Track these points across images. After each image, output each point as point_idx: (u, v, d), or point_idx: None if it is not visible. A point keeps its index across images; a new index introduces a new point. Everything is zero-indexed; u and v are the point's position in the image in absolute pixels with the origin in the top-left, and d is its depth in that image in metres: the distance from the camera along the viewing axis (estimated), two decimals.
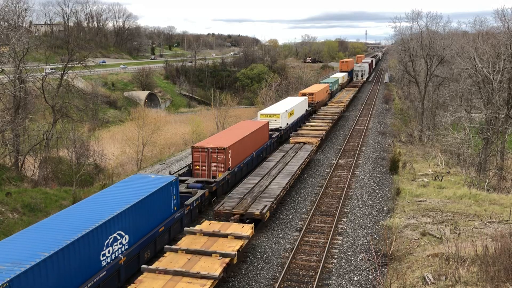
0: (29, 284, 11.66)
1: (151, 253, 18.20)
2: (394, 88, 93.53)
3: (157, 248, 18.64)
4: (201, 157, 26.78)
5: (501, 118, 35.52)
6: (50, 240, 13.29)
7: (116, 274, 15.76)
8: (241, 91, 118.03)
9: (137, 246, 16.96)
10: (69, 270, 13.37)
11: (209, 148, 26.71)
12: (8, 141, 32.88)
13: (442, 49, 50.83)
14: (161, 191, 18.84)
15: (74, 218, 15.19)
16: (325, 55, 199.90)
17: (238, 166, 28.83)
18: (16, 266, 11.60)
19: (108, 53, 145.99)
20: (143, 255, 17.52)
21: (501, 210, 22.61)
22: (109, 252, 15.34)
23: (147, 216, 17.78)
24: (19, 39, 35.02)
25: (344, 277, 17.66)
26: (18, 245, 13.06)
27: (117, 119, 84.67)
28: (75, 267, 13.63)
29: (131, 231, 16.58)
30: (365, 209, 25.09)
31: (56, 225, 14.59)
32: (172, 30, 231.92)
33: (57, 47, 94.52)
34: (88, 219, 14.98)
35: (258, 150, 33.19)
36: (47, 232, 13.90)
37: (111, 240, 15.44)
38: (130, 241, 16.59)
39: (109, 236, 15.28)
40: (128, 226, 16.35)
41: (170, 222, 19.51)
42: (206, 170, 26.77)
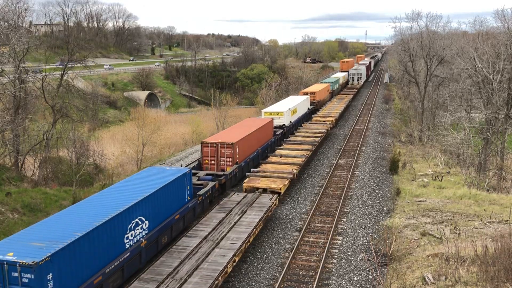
0: (65, 259, 13.14)
1: (167, 238, 19.42)
2: (394, 88, 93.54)
3: (173, 235, 19.85)
4: (210, 151, 27.97)
5: (501, 118, 35.53)
6: (81, 222, 14.68)
7: (138, 256, 17.06)
8: (241, 91, 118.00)
9: (156, 231, 18.24)
10: (98, 249, 14.69)
11: (218, 143, 27.96)
12: (8, 141, 32.88)
13: (442, 49, 50.83)
14: (176, 182, 20.14)
15: (100, 204, 16.58)
16: (325, 55, 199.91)
17: (245, 160, 29.86)
18: (55, 244, 13.08)
19: (108, 53, 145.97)
20: (161, 240, 18.79)
21: (501, 210, 22.62)
22: (131, 236, 16.68)
23: (164, 204, 19.08)
24: (19, 39, 35.01)
25: (344, 277, 17.66)
26: (54, 226, 14.48)
27: (117, 119, 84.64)
28: (103, 248, 14.98)
29: (150, 218, 17.92)
30: (365, 209, 25.10)
31: (84, 210, 15.98)
32: (172, 30, 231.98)
33: (57, 47, 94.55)
34: (113, 205, 16.28)
35: (263, 146, 34.25)
36: (78, 216, 15.33)
37: (134, 224, 16.80)
38: (149, 227, 17.92)
39: (132, 221, 16.66)
40: (148, 212, 17.67)
41: (185, 210, 20.85)
42: (215, 164, 27.98)
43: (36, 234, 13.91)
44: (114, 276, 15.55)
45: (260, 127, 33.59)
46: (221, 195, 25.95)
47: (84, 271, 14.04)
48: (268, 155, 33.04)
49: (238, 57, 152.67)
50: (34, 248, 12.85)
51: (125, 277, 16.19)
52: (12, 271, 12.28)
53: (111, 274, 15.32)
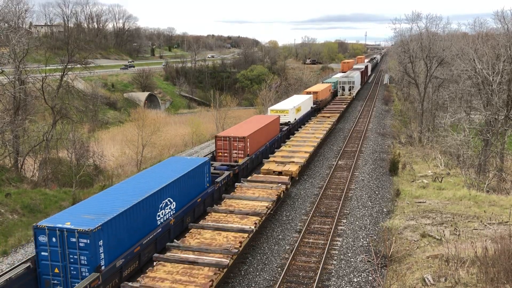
0: (112, 229, 15.57)
1: (190, 219, 21.75)
2: (393, 89, 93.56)
3: (195, 216, 22.22)
4: (223, 145, 30.24)
5: (501, 120, 35.55)
6: (122, 200, 17.12)
7: (167, 232, 19.40)
8: (241, 92, 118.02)
9: (181, 211, 20.64)
10: (137, 224, 17.12)
11: (231, 137, 30.21)
12: (8, 142, 32.87)
13: (442, 51, 50.86)
14: (198, 169, 22.63)
15: (135, 186, 18.96)
16: (325, 57, 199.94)
17: (255, 153, 32.04)
18: (103, 216, 15.52)
19: (108, 54, 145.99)
20: (185, 220, 21.18)
21: (500, 211, 22.62)
22: (162, 214, 19.10)
23: (188, 189, 21.52)
24: (19, 40, 35.02)
25: (343, 279, 17.65)
26: (99, 203, 16.89)
27: (117, 120, 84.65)
28: (140, 222, 17.38)
29: (177, 199, 20.34)
30: (365, 211, 25.09)
31: (122, 191, 18.44)
32: (172, 31, 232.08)
33: (57, 48, 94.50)
34: (146, 187, 18.67)
35: (271, 141, 36.36)
36: (118, 195, 17.80)
37: (164, 204, 19.19)
38: (176, 207, 20.34)
39: (162, 201, 19.03)
40: (175, 195, 20.07)
41: (205, 195, 23.24)
42: (228, 156, 30.26)
43: (85, 209, 16.36)
44: (149, 248, 17.91)
45: (268, 123, 35.74)
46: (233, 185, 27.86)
47: (126, 241, 16.48)
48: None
49: (238, 58, 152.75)
50: (86, 219, 15.26)
51: (157, 250, 18.42)
52: (70, 237, 14.69)
53: (147, 246, 17.70)
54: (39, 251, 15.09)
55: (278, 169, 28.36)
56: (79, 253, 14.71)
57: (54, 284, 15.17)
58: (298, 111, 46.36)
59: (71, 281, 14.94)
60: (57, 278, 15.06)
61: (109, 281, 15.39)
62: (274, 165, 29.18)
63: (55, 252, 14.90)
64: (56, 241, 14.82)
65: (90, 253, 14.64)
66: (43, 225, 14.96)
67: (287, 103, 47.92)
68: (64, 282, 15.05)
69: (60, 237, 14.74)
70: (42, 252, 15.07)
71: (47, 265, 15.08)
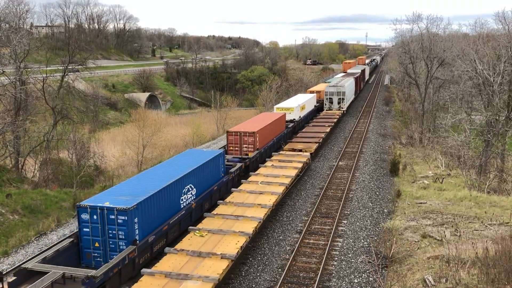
0: (145, 209, 17.60)
1: (208, 205, 23.91)
2: (394, 90, 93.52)
3: (212, 202, 24.32)
4: (234, 139, 32.35)
5: (502, 120, 35.52)
6: (152, 184, 19.15)
7: (189, 215, 21.64)
8: (242, 93, 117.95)
9: (201, 197, 22.78)
10: (164, 205, 19.18)
11: (241, 132, 32.34)
12: (8, 142, 32.88)
13: (443, 51, 50.83)
14: (214, 160, 24.88)
15: (161, 173, 21.11)
16: (326, 57, 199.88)
17: (264, 147, 34.17)
18: (137, 197, 17.56)
19: (108, 55, 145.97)
20: (204, 205, 23.38)
21: (501, 212, 22.59)
22: (185, 198, 21.25)
23: (206, 177, 23.66)
24: (20, 41, 35.05)
25: (344, 279, 17.64)
26: (131, 187, 18.96)
27: (118, 121, 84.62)
28: (167, 204, 19.48)
29: (197, 186, 22.47)
30: (366, 211, 25.08)
31: (151, 177, 20.57)
32: (173, 32, 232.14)
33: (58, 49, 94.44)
34: (170, 174, 20.79)
35: (278, 136, 38.51)
36: (147, 181, 19.90)
37: (186, 190, 21.33)
38: (196, 193, 22.48)
39: (185, 186, 21.16)
40: (195, 182, 22.21)
41: (220, 184, 25.41)
42: (238, 150, 32.37)
43: (120, 192, 18.36)
44: (174, 228, 20.13)
45: (275, 120, 37.86)
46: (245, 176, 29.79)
47: (156, 220, 18.54)
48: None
49: (239, 59, 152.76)
50: (122, 200, 17.25)
51: (181, 230, 20.76)
52: (110, 215, 16.64)
53: (173, 226, 19.88)
54: (82, 228, 17.03)
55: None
56: (118, 228, 16.67)
57: (95, 256, 17.11)
58: (302, 109, 48.14)
59: (109, 254, 16.89)
60: (97, 251, 17.01)
61: (142, 254, 17.61)
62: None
63: (96, 228, 16.82)
64: (97, 218, 16.77)
65: (127, 229, 16.62)
66: (86, 204, 16.96)
67: (292, 102, 49.81)
68: (103, 254, 16.99)
69: (101, 215, 16.72)
70: (84, 229, 17.01)
71: (88, 240, 16.99)
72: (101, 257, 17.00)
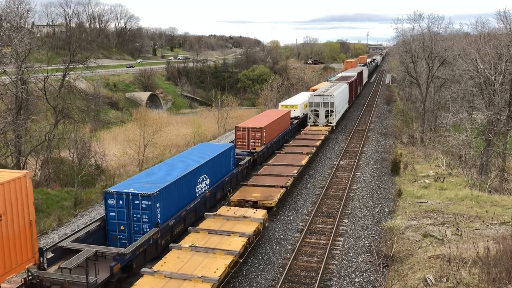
0: (166, 195, 19.19)
1: (221, 194, 25.82)
2: (395, 89, 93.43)
3: (224, 192, 26.31)
4: (242, 134, 34.08)
5: (503, 120, 35.45)
6: (171, 173, 20.83)
7: (204, 203, 23.39)
8: (243, 92, 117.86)
9: (214, 187, 24.53)
10: (182, 193, 20.90)
11: (249, 127, 34.08)
12: (10, 142, 32.89)
13: (444, 51, 50.74)
14: (225, 153, 26.53)
15: (177, 164, 22.79)
16: (327, 57, 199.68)
17: (270, 142, 36.04)
18: (159, 184, 19.13)
19: (109, 54, 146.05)
20: (217, 194, 25.29)
21: (502, 211, 22.58)
22: (200, 187, 22.92)
23: (218, 168, 25.37)
24: (21, 40, 35.04)
25: (345, 279, 17.64)
26: (152, 176, 20.71)
27: (119, 120, 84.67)
28: (185, 192, 21.22)
29: (210, 176, 24.16)
30: (367, 211, 25.07)
31: (168, 167, 22.27)
32: (174, 31, 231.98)
33: (59, 48, 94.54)
34: (187, 165, 22.41)
35: (283, 132, 40.44)
36: (166, 171, 21.50)
37: (201, 179, 22.97)
38: (210, 183, 24.13)
39: (200, 176, 22.84)
40: (208, 173, 23.86)
41: (231, 175, 27.22)
42: (246, 145, 34.07)
43: (142, 180, 19.96)
44: (191, 214, 21.82)
45: (281, 116, 39.57)
46: (253, 169, 31.61)
47: (175, 206, 20.21)
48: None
49: (240, 58, 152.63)
50: (145, 187, 18.73)
51: (197, 216, 22.50)
52: (135, 200, 18.12)
53: (190, 212, 21.55)
54: (108, 212, 18.56)
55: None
56: (142, 212, 18.17)
57: (120, 238, 18.56)
58: (306, 106, 49.09)
59: (134, 236, 18.38)
60: (122, 233, 18.50)
61: (164, 236, 19.14)
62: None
63: (121, 212, 18.32)
64: (123, 203, 18.24)
65: (150, 213, 18.07)
66: (112, 191, 18.47)
67: (296, 99, 51.73)
68: (128, 237, 18.48)
69: (126, 200, 18.20)
70: (110, 213, 18.53)
71: (114, 223, 18.54)
72: (126, 239, 18.49)
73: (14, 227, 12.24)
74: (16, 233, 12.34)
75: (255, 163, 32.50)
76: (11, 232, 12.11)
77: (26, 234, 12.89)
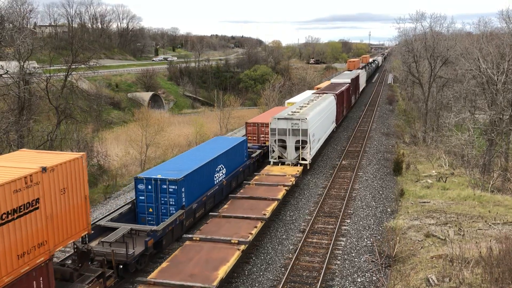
0: (189, 180, 21.14)
1: (235, 184, 27.89)
2: (397, 89, 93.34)
3: (238, 182, 28.41)
4: (252, 130, 35.91)
5: (506, 119, 35.39)
6: (192, 163, 22.71)
7: (221, 190, 25.42)
8: (244, 92, 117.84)
9: (229, 176, 26.62)
10: (203, 180, 22.91)
11: (259, 123, 35.67)
12: (12, 142, 32.98)
13: (446, 50, 50.68)
14: (239, 145, 28.56)
15: (197, 155, 24.83)
16: (328, 56, 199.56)
17: None
18: (183, 171, 21.13)
19: (111, 54, 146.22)
20: (232, 183, 27.41)
21: (505, 211, 22.52)
22: (217, 176, 24.86)
23: (233, 159, 27.33)
24: (23, 41, 35.14)
25: (347, 278, 17.62)
26: (176, 164, 22.81)
27: (121, 120, 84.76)
28: (205, 180, 23.21)
29: (226, 166, 26.07)
30: (369, 210, 25.04)
31: (189, 157, 24.29)
32: (176, 31, 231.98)
33: (61, 48, 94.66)
34: (205, 156, 24.37)
35: None
36: (187, 160, 23.48)
37: (218, 169, 24.91)
38: (226, 173, 26.07)
39: (217, 166, 24.75)
40: (225, 163, 25.79)
41: (244, 166, 29.56)
42: (256, 139, 35.81)
43: (167, 168, 21.97)
44: (210, 200, 23.81)
45: None
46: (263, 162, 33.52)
47: (197, 191, 22.14)
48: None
49: (242, 58, 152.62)
50: (171, 173, 20.65)
51: (215, 202, 24.78)
52: (162, 185, 20.17)
53: (209, 197, 23.55)
54: (138, 196, 20.56)
55: None
56: (169, 196, 20.14)
57: (148, 220, 20.50)
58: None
59: (161, 218, 20.29)
60: (150, 215, 20.47)
61: (188, 218, 21.19)
62: None
63: (150, 196, 20.30)
64: (151, 188, 20.19)
65: (176, 196, 20.07)
66: (142, 177, 20.54)
67: (302, 97, 52.10)
68: (156, 218, 20.40)
69: (154, 185, 20.17)
70: (140, 197, 20.49)
71: (143, 206, 20.55)
72: (154, 221, 20.32)
73: (73, 200, 14.08)
74: (75, 205, 14.16)
75: (265, 156, 34.38)
76: (71, 204, 13.95)
77: (82, 207, 14.57)
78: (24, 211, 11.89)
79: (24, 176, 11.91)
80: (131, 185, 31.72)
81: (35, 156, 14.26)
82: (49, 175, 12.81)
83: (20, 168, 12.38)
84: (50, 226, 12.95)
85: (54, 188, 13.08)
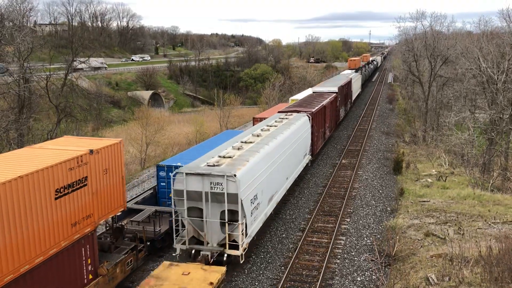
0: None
1: None
2: (397, 88, 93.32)
3: None
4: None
5: (506, 119, 35.40)
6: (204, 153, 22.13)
7: None
8: (245, 91, 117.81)
9: None
10: None
11: (265, 118, 34.84)
12: (12, 140, 32.99)
13: (446, 49, 50.67)
14: None
15: (210, 146, 23.92)
16: (329, 55, 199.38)
17: None
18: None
19: (112, 53, 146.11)
20: None
21: (505, 210, 22.54)
22: None
23: None
24: (23, 39, 35.12)
25: (347, 277, 17.64)
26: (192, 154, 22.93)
27: (121, 119, 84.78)
28: None
29: None
30: (369, 209, 25.06)
31: (203, 148, 23.92)
32: (176, 30, 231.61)
33: (61, 47, 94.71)
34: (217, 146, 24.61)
35: None
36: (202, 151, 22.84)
37: None
38: None
39: None
40: None
41: None
42: None
43: (184, 157, 22.79)
44: None
45: None
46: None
47: None
48: None
49: (242, 57, 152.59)
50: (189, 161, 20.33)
51: None
52: None
53: None
54: (159, 182, 21.94)
55: None
56: None
57: (169, 204, 21.03)
58: None
59: None
60: (170, 200, 20.36)
61: None
62: None
63: (170, 182, 20.49)
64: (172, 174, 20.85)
65: None
66: (163, 164, 21.89)
67: (304, 95, 51.95)
68: None
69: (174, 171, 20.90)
70: (161, 183, 21.83)
71: (164, 191, 21.80)
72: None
73: (113, 179, 15.83)
74: (115, 184, 15.95)
75: None
76: (111, 183, 15.74)
77: (120, 186, 16.29)
78: (76, 187, 13.83)
79: (76, 157, 13.77)
80: (131, 183, 31.75)
81: (80, 141, 16.17)
82: (95, 157, 14.68)
83: (71, 150, 14.24)
84: (95, 201, 14.84)
85: (98, 168, 14.88)
